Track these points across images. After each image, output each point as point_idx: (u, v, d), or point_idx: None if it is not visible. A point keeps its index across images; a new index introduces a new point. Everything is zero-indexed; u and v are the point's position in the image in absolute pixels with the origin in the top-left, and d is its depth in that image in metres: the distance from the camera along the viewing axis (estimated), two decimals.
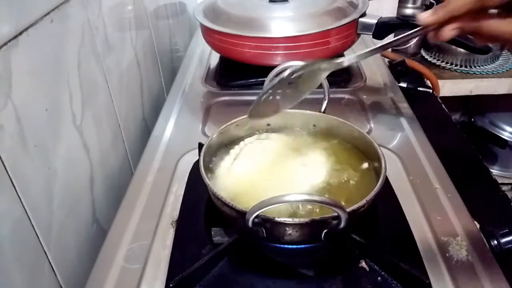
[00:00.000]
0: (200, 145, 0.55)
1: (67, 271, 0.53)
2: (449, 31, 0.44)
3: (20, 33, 0.45)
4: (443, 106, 0.97)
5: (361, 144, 0.56)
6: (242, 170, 0.54)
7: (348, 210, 0.41)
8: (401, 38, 0.49)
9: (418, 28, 0.46)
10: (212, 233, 0.49)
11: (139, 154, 0.69)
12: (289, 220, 0.43)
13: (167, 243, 0.52)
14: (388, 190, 0.56)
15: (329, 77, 0.61)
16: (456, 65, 1.38)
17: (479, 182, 0.74)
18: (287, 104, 0.53)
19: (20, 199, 0.44)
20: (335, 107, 0.77)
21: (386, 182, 0.54)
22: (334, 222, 0.42)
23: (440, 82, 1.24)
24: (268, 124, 0.61)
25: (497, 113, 1.53)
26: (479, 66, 1.38)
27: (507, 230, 0.51)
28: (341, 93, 0.84)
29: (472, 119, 1.58)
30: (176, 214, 0.56)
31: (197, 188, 0.56)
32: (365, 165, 0.54)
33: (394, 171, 0.62)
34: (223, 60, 0.96)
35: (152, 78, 0.93)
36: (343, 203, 0.41)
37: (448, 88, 1.34)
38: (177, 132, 0.74)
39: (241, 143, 0.57)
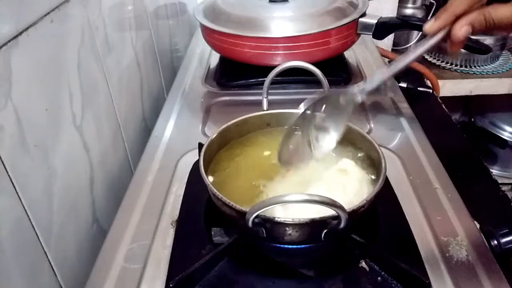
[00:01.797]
0: (200, 145, 0.55)
1: (67, 271, 0.53)
2: (459, 30, 0.44)
3: (20, 33, 0.45)
4: (443, 106, 0.97)
5: (361, 144, 0.56)
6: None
7: (348, 210, 0.41)
8: (418, 52, 0.47)
9: (430, 41, 0.46)
10: (212, 233, 0.49)
11: (139, 154, 0.69)
12: (289, 220, 0.43)
13: (167, 243, 0.52)
14: (388, 190, 0.56)
15: (329, 77, 0.61)
16: (456, 65, 1.38)
17: (479, 182, 0.74)
18: (320, 149, 0.52)
19: (20, 199, 0.44)
20: None
21: (386, 182, 0.54)
22: (334, 222, 0.42)
23: (440, 82, 1.24)
24: (268, 124, 0.61)
25: (497, 113, 1.53)
26: (479, 66, 1.38)
27: (507, 230, 0.51)
28: None
29: (472, 119, 1.58)
30: (176, 214, 0.56)
31: (197, 188, 0.56)
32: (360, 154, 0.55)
33: (394, 171, 0.62)
34: (223, 60, 0.96)
35: (152, 78, 0.93)
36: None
37: (448, 88, 1.34)
38: (177, 132, 0.74)
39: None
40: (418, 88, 0.93)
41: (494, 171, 1.51)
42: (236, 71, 0.89)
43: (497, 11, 0.42)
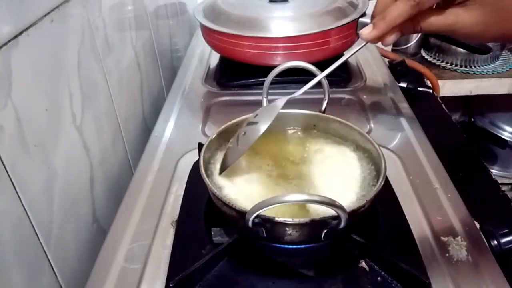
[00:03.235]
0: (200, 145, 0.55)
1: (67, 271, 0.53)
2: (390, 37, 0.47)
3: (20, 33, 0.45)
4: (443, 106, 0.97)
5: (361, 144, 0.56)
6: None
7: (348, 210, 0.41)
8: (348, 55, 0.53)
9: (363, 45, 0.50)
10: (212, 233, 0.49)
11: (139, 154, 0.69)
12: (289, 220, 0.43)
13: (167, 243, 0.52)
14: (388, 190, 0.56)
15: (329, 77, 0.61)
16: (456, 65, 1.38)
17: (479, 182, 0.74)
18: (246, 143, 0.50)
19: (20, 199, 0.44)
20: (335, 107, 0.77)
21: (386, 182, 0.54)
22: (334, 222, 0.42)
23: (440, 82, 1.24)
24: None
25: (497, 113, 1.53)
26: (479, 66, 1.38)
27: (507, 230, 0.51)
28: (341, 93, 0.84)
29: (472, 119, 1.58)
30: (176, 214, 0.56)
31: (197, 188, 0.56)
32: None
33: (394, 171, 0.62)
34: (223, 60, 0.96)
35: (152, 78, 0.93)
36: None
37: (448, 88, 1.34)
38: (177, 132, 0.74)
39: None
40: (418, 88, 0.93)
41: (494, 171, 1.51)
42: (236, 71, 0.89)
43: (425, 21, 0.45)
